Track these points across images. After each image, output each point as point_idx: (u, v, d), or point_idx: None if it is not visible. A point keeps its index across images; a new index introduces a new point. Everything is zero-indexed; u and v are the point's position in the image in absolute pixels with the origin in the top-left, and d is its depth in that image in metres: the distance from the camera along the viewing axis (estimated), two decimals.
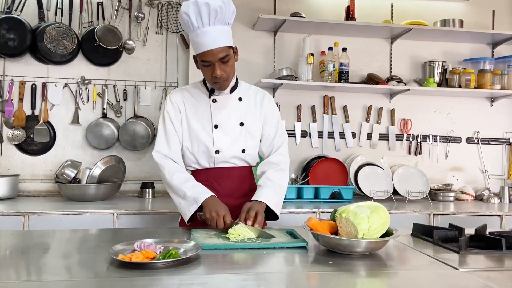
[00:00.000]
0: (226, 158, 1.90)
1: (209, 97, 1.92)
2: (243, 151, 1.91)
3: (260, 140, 1.99)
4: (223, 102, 1.91)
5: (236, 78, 1.97)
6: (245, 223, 1.66)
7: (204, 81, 1.95)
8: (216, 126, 1.89)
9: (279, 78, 3.14)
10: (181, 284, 1.13)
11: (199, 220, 1.80)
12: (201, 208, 1.76)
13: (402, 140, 3.52)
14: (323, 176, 3.11)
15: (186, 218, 1.80)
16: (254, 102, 1.97)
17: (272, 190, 1.84)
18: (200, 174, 1.94)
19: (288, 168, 1.99)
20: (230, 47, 1.78)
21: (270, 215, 1.85)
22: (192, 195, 1.77)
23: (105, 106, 3.19)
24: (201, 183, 1.90)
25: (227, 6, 1.72)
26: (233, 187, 1.93)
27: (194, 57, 1.83)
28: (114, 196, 3.00)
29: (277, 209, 1.84)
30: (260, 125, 1.96)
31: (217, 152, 1.88)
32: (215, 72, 1.75)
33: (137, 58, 3.26)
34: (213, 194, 1.79)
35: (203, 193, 1.78)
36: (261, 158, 2.04)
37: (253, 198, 1.80)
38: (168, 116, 1.90)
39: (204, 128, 1.89)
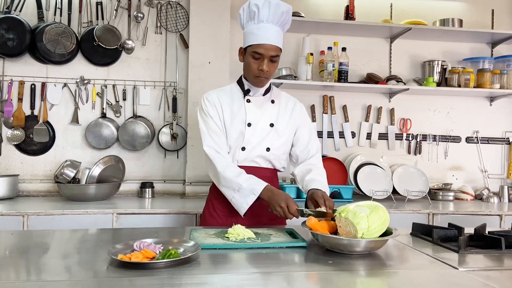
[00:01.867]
0: (251, 157, 1.93)
1: (244, 97, 1.96)
2: (268, 149, 1.94)
3: (292, 146, 2.04)
4: (257, 102, 1.97)
5: (270, 83, 2.02)
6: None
7: (239, 82, 2.00)
8: (249, 125, 1.92)
9: (279, 77, 3.14)
10: (180, 284, 1.13)
11: (216, 214, 1.89)
12: (258, 199, 1.77)
13: (402, 139, 3.52)
14: None
15: (243, 211, 1.80)
16: (285, 106, 2.02)
17: (325, 186, 1.92)
18: None
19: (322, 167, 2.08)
20: (280, 50, 1.88)
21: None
22: (248, 186, 1.79)
23: (104, 106, 3.19)
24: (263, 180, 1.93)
25: (289, 14, 1.86)
26: None
27: (242, 49, 1.91)
28: (114, 196, 3.00)
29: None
30: (289, 129, 2.00)
31: (243, 149, 1.92)
32: (263, 66, 1.83)
33: (136, 58, 3.26)
34: (267, 184, 1.80)
35: (258, 184, 1.79)
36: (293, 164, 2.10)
37: (316, 187, 1.84)
38: (208, 114, 1.95)
39: (238, 126, 1.92)
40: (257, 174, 1.90)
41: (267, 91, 2.00)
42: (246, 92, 1.97)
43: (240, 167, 1.91)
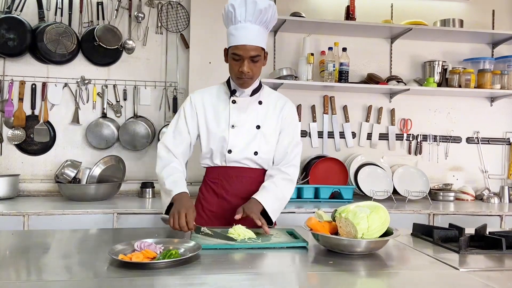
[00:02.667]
0: (238, 159, 1.92)
1: (230, 97, 1.95)
2: (256, 153, 1.92)
3: None
4: (243, 103, 1.94)
5: (260, 83, 1.99)
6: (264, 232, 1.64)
7: (227, 82, 1.99)
8: (232, 126, 1.91)
9: (279, 78, 3.14)
10: (181, 284, 1.13)
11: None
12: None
13: (402, 140, 3.52)
14: (323, 176, 3.11)
15: (164, 211, 1.80)
16: (273, 107, 1.98)
17: (274, 196, 1.84)
18: (212, 172, 1.98)
19: (296, 181, 1.98)
20: (262, 49, 1.84)
21: (266, 219, 1.80)
22: (169, 187, 1.78)
23: (105, 106, 3.19)
24: (212, 181, 1.96)
25: (272, 10, 1.82)
26: (242, 188, 1.94)
27: (225, 50, 1.89)
28: (114, 196, 3.00)
29: (273, 215, 1.82)
30: (277, 131, 1.97)
31: (229, 151, 1.90)
32: (242, 67, 1.80)
33: (137, 58, 3.26)
34: (184, 191, 1.76)
35: (177, 187, 1.76)
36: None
37: (253, 197, 1.80)
38: (184, 113, 1.95)
39: (221, 127, 1.91)
40: (245, 174, 1.92)
41: (256, 91, 1.96)
42: (232, 93, 1.94)
43: (229, 167, 1.92)
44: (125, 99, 3.23)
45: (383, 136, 3.51)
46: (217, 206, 1.94)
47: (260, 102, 1.97)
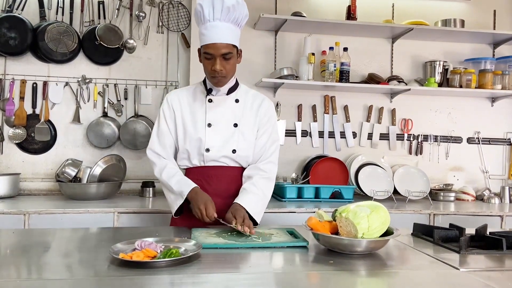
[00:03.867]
0: (216, 157, 1.92)
1: (206, 96, 1.94)
2: (234, 151, 1.92)
3: None
4: (219, 102, 1.94)
5: (236, 81, 1.99)
6: (244, 231, 1.60)
7: (204, 81, 1.98)
8: (209, 125, 1.91)
9: (280, 77, 3.13)
10: (181, 283, 1.13)
11: (186, 215, 1.87)
12: (187, 201, 1.82)
13: (403, 140, 3.52)
14: (323, 176, 3.11)
15: (173, 211, 1.88)
16: (251, 105, 1.98)
17: (256, 197, 1.85)
18: (191, 173, 1.97)
19: (275, 178, 1.99)
20: (234, 46, 1.83)
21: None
22: (178, 189, 1.84)
23: (106, 105, 3.19)
24: (192, 182, 1.94)
25: (241, 7, 1.80)
26: (222, 187, 1.93)
27: (199, 50, 1.88)
28: (115, 195, 3.00)
29: (257, 217, 1.83)
30: (255, 129, 1.97)
31: (207, 150, 1.90)
32: (215, 66, 1.79)
33: (138, 57, 3.26)
34: (196, 185, 1.83)
35: (186, 185, 1.83)
36: None
37: (236, 201, 1.80)
38: (163, 115, 1.97)
39: (198, 126, 1.92)
40: (224, 173, 1.92)
41: (232, 90, 1.96)
42: (208, 92, 1.94)
43: (208, 167, 1.93)
44: (126, 98, 3.23)
45: (384, 136, 3.51)
46: None
47: (237, 100, 1.97)
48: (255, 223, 1.83)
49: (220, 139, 1.91)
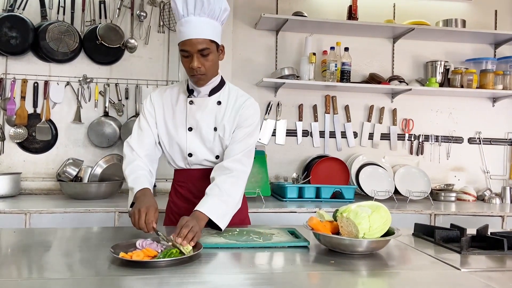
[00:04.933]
0: (200, 161, 1.86)
1: (187, 98, 1.86)
2: (217, 157, 1.85)
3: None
4: (200, 104, 1.84)
5: (222, 80, 1.88)
6: (176, 241, 1.38)
7: (187, 81, 1.89)
8: (190, 129, 1.84)
9: (281, 77, 3.13)
10: (182, 282, 1.13)
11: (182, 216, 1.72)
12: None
13: (404, 140, 3.52)
14: (324, 176, 3.11)
15: (128, 207, 1.74)
16: (232, 106, 1.84)
17: (217, 200, 1.66)
18: (178, 174, 1.94)
19: (243, 178, 1.79)
20: (213, 42, 1.71)
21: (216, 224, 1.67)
22: (131, 185, 1.73)
23: (107, 105, 3.19)
24: (179, 184, 1.92)
25: (217, 0, 1.69)
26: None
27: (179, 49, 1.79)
28: (116, 194, 3.00)
29: (220, 221, 1.64)
30: (233, 131, 1.85)
31: (190, 155, 1.85)
32: (192, 63, 1.69)
33: (139, 56, 3.26)
34: (145, 187, 1.70)
35: (138, 183, 1.71)
36: None
37: (195, 208, 1.64)
38: (144, 112, 1.89)
39: (179, 130, 1.84)
40: (210, 175, 1.79)
41: (215, 91, 1.84)
42: (190, 93, 1.85)
43: (193, 170, 1.87)
44: (127, 98, 3.23)
45: (385, 136, 3.50)
46: (184, 210, 1.83)
47: (219, 102, 1.85)
48: (219, 229, 1.67)
49: (201, 144, 1.83)
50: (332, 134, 3.44)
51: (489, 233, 1.63)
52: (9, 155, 3.11)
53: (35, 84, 3.11)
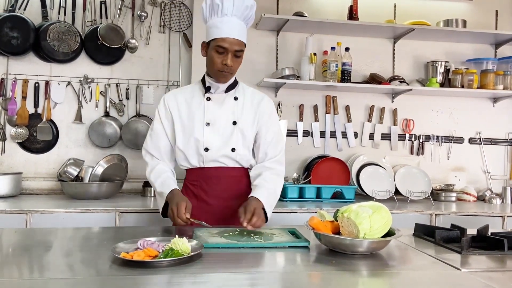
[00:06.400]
0: (215, 157, 1.90)
1: (204, 94, 1.93)
2: (233, 149, 1.90)
3: (255, 142, 1.97)
4: (217, 100, 1.92)
5: (235, 79, 1.98)
6: (242, 226, 1.63)
7: (203, 79, 1.96)
8: (207, 124, 1.89)
9: (282, 77, 3.14)
10: (183, 282, 1.13)
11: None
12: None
13: (404, 140, 3.52)
14: (325, 176, 3.11)
15: (160, 211, 1.90)
16: (250, 103, 1.96)
17: (267, 192, 1.84)
18: (191, 174, 1.98)
19: (283, 177, 1.99)
20: (245, 45, 1.84)
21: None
22: (160, 190, 1.86)
23: (107, 105, 3.20)
24: (191, 183, 1.96)
25: (254, 9, 1.86)
26: (222, 188, 1.93)
27: (203, 43, 1.87)
28: (117, 194, 3.01)
29: (269, 212, 1.82)
30: (254, 127, 1.95)
31: (206, 149, 1.88)
32: (226, 60, 1.79)
33: (140, 57, 3.26)
34: (175, 187, 1.84)
35: (167, 187, 1.84)
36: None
37: (252, 195, 1.80)
38: (158, 115, 1.97)
39: (196, 125, 1.90)
40: (224, 174, 1.91)
41: (231, 87, 1.94)
42: (207, 90, 1.92)
43: (207, 168, 1.92)
44: (127, 98, 3.24)
45: (385, 136, 3.50)
46: (196, 209, 1.87)
47: (235, 98, 1.95)
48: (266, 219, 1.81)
49: (219, 138, 1.89)
50: (333, 134, 3.44)
51: (489, 233, 1.63)
52: (10, 155, 3.12)
53: (36, 84, 3.11)
